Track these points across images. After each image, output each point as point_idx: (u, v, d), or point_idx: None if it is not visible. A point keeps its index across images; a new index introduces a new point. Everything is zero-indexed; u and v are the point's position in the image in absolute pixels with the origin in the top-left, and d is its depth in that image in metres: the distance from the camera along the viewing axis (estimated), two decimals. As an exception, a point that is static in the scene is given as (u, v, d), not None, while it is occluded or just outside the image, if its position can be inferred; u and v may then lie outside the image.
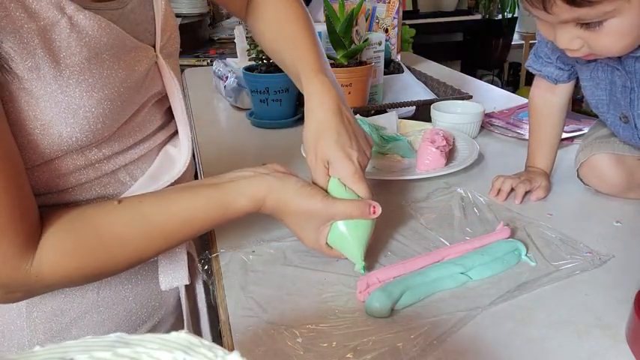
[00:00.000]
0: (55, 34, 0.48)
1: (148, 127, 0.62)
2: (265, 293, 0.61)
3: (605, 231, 0.73)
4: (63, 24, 0.48)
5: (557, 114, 0.85)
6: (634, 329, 0.51)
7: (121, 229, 0.53)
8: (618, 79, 0.71)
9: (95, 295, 0.62)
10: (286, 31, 0.73)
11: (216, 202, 0.57)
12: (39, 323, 0.59)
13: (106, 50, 0.52)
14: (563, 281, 0.62)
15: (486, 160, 0.98)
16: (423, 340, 0.53)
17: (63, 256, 0.50)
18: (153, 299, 0.67)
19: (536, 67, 0.84)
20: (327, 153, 0.63)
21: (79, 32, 0.49)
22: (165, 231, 0.55)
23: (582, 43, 0.63)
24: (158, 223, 0.55)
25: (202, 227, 0.58)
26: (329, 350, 0.52)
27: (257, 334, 0.55)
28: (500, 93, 1.50)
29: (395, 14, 1.51)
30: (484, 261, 0.64)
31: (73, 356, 0.25)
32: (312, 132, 0.65)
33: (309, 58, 0.69)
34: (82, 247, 0.52)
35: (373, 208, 0.62)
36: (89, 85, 0.51)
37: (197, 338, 0.26)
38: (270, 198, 0.59)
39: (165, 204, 0.56)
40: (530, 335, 0.54)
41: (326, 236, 0.63)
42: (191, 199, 0.57)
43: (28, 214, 0.49)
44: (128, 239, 0.54)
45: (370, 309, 0.57)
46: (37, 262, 0.49)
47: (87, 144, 0.53)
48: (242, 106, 1.32)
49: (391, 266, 0.63)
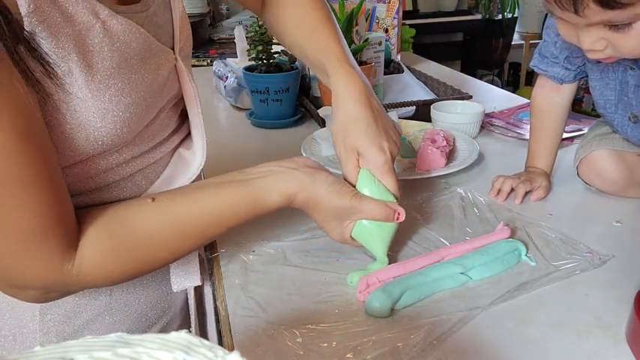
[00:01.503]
0: (89, 39, 0.48)
1: (165, 130, 0.63)
2: (265, 293, 0.61)
3: (605, 231, 0.73)
4: (97, 29, 0.48)
5: (559, 114, 0.85)
6: (634, 329, 0.51)
7: (156, 228, 0.54)
8: (631, 79, 0.71)
9: (108, 297, 0.62)
10: (307, 23, 0.72)
11: (248, 198, 0.57)
12: (52, 326, 0.59)
13: (134, 55, 0.52)
14: (563, 281, 0.62)
15: (486, 160, 0.98)
16: (423, 340, 0.53)
17: (102, 256, 0.51)
18: (162, 300, 0.68)
19: (541, 67, 0.83)
20: (358, 144, 0.63)
21: (111, 37, 0.49)
22: (199, 229, 0.56)
23: (606, 44, 0.62)
24: (191, 221, 0.55)
25: (234, 224, 0.58)
26: (329, 350, 0.52)
27: (257, 334, 0.55)
28: (500, 93, 1.50)
29: (395, 14, 1.51)
30: (484, 261, 0.64)
31: (73, 356, 0.25)
32: (341, 124, 0.65)
33: (333, 49, 0.69)
34: (119, 248, 0.52)
35: (397, 215, 0.63)
36: (118, 90, 0.51)
37: (197, 338, 0.26)
38: (302, 195, 0.59)
39: (197, 202, 0.56)
40: (530, 335, 0.54)
41: (351, 230, 0.63)
42: (223, 196, 0.57)
43: (67, 216, 0.49)
44: (163, 239, 0.54)
45: (370, 309, 0.57)
46: (78, 263, 0.49)
47: (111, 148, 0.54)
48: (242, 106, 1.32)
49: (391, 266, 0.63)
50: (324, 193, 0.60)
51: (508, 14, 3.70)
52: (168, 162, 0.64)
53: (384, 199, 0.63)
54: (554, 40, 0.80)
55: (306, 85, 1.34)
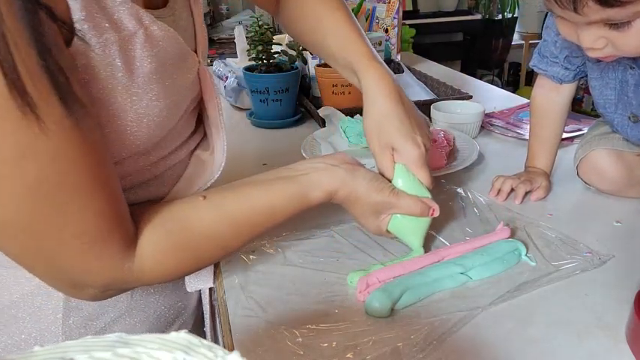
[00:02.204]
0: (131, 45, 0.48)
1: (186, 132, 0.63)
2: (265, 293, 0.61)
3: (605, 231, 0.73)
4: (140, 35, 0.49)
5: (559, 114, 0.85)
6: (634, 329, 0.51)
7: (210, 226, 0.55)
8: (631, 78, 0.71)
9: (129, 298, 0.63)
10: (329, 22, 0.72)
11: (294, 195, 0.59)
12: (74, 329, 0.60)
13: (169, 60, 0.53)
14: (563, 281, 0.62)
15: (486, 160, 0.98)
16: (423, 340, 0.53)
17: (161, 253, 0.52)
18: (179, 301, 0.69)
19: (541, 66, 0.83)
20: (392, 140, 0.65)
21: (151, 43, 0.50)
22: (250, 225, 0.57)
23: (606, 43, 0.62)
24: (244, 218, 0.56)
25: (282, 219, 0.59)
26: (329, 350, 0.52)
27: (257, 334, 0.55)
28: (500, 93, 1.50)
29: (395, 14, 1.51)
30: (484, 261, 0.64)
31: (73, 356, 0.25)
32: (375, 121, 0.66)
33: (359, 47, 0.70)
34: (176, 245, 0.53)
35: (432, 211, 0.65)
36: (154, 95, 0.51)
37: (197, 338, 0.26)
38: (343, 191, 0.61)
39: (249, 199, 0.57)
40: (530, 335, 0.54)
41: (387, 224, 0.65)
42: (273, 192, 0.58)
43: (125, 216, 0.50)
44: (217, 236, 0.55)
45: (370, 309, 0.57)
46: (139, 261, 0.50)
47: (142, 150, 0.54)
48: (242, 106, 1.32)
49: (391, 266, 0.63)
50: (364, 189, 0.61)
51: (508, 14, 3.71)
52: (187, 164, 0.65)
53: (419, 192, 0.65)
54: (554, 40, 0.80)
55: (306, 85, 1.34)
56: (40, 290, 0.59)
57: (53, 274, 0.48)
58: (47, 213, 0.43)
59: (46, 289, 0.59)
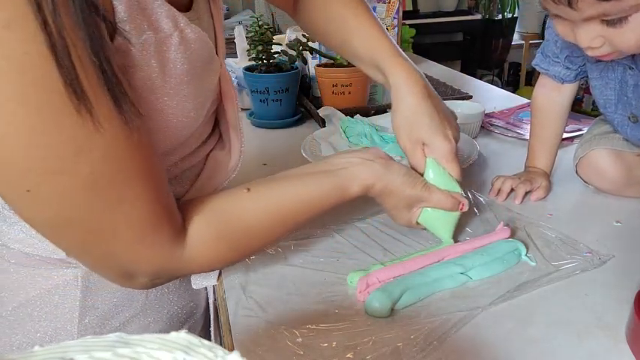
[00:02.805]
0: (166, 46, 0.49)
1: (205, 133, 0.64)
2: (265, 293, 0.61)
3: (605, 231, 0.73)
4: (175, 37, 0.49)
5: (560, 114, 0.85)
6: (634, 329, 0.51)
7: (255, 216, 0.56)
8: (631, 79, 0.70)
9: (143, 298, 0.64)
10: (352, 21, 0.73)
11: (334, 188, 0.60)
12: (89, 328, 0.60)
13: (199, 62, 0.54)
14: (563, 281, 0.62)
15: (486, 160, 0.98)
16: (423, 340, 0.53)
17: (209, 241, 0.53)
18: (191, 300, 0.70)
19: (543, 66, 0.83)
20: (423, 136, 0.67)
21: (185, 45, 0.51)
22: (293, 216, 0.58)
23: (604, 41, 0.62)
24: (286, 209, 0.58)
25: (322, 211, 0.60)
26: (329, 350, 0.52)
27: (257, 334, 0.55)
28: (500, 93, 1.50)
29: (395, 14, 1.51)
30: (484, 261, 0.64)
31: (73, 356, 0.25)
32: (405, 118, 0.67)
33: (383, 45, 0.71)
34: (224, 233, 0.54)
35: (462, 206, 0.67)
36: (184, 96, 0.52)
37: (197, 338, 0.26)
38: (379, 185, 0.62)
39: (290, 191, 0.59)
40: (530, 335, 0.54)
41: (418, 216, 0.67)
42: (313, 185, 0.60)
43: (174, 206, 0.51)
44: (262, 226, 0.57)
45: (370, 309, 0.57)
46: (188, 249, 0.51)
47: (168, 150, 0.55)
48: (242, 106, 1.32)
49: (391, 266, 0.63)
50: (398, 183, 0.63)
51: (508, 14, 3.71)
52: (204, 164, 0.65)
53: (450, 186, 0.67)
54: (555, 39, 0.79)
55: (306, 85, 1.34)
56: (57, 289, 0.59)
57: (105, 264, 0.49)
58: (101, 207, 0.44)
59: (64, 288, 0.60)
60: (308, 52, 1.27)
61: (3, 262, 0.60)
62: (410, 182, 0.64)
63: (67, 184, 0.41)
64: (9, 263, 0.59)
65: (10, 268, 0.59)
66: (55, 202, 0.42)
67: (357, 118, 1.03)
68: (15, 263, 0.59)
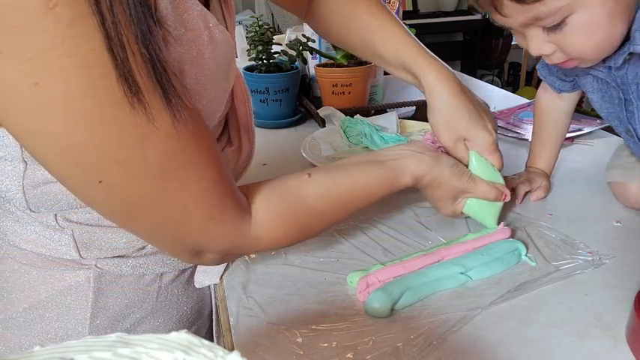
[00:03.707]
0: (195, 45, 0.49)
1: (216, 133, 0.64)
2: (265, 293, 0.61)
3: (605, 231, 0.73)
4: (205, 36, 0.50)
5: (562, 117, 0.84)
6: (634, 329, 0.51)
7: (316, 199, 0.58)
8: (614, 91, 0.68)
9: (154, 299, 0.64)
10: (373, 23, 0.73)
11: (386, 178, 0.62)
12: (101, 329, 0.60)
13: (224, 63, 0.54)
14: (563, 281, 0.62)
15: (486, 160, 0.98)
16: (423, 340, 0.53)
17: (276, 218, 0.55)
18: (199, 301, 0.70)
19: (543, 73, 0.82)
20: (465, 132, 0.69)
21: (213, 45, 0.51)
22: (349, 202, 0.60)
23: (554, 48, 0.61)
24: (344, 195, 0.60)
25: (375, 200, 0.62)
26: (329, 350, 0.52)
27: (257, 334, 0.55)
28: (500, 93, 1.50)
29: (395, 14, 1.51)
30: (484, 261, 0.64)
31: (73, 356, 0.25)
32: (443, 116, 0.69)
33: (408, 44, 0.71)
34: (287, 212, 0.56)
35: (505, 196, 0.70)
36: (209, 95, 0.53)
37: (197, 338, 0.26)
38: (429, 177, 0.65)
39: (348, 178, 0.60)
40: (530, 335, 0.54)
41: (462, 207, 0.69)
42: (368, 174, 0.62)
43: (234, 184, 0.52)
44: (321, 209, 0.58)
45: (370, 309, 0.57)
46: (254, 225, 0.53)
47: None
48: (242, 106, 1.32)
49: (391, 266, 0.63)
50: (447, 175, 0.65)
51: (508, 14, 3.69)
52: None
53: (493, 176, 0.70)
54: None
55: (306, 85, 1.34)
56: (69, 290, 0.59)
57: (177, 244, 0.51)
58: (170, 189, 0.45)
59: (76, 289, 0.60)
60: (308, 52, 1.27)
61: (14, 264, 0.60)
62: (457, 174, 0.66)
63: (135, 171, 0.43)
64: (20, 264, 0.59)
65: (21, 269, 0.59)
66: (125, 190, 0.44)
67: (357, 118, 1.03)
68: (27, 264, 0.59)
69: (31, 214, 0.56)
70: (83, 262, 0.59)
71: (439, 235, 0.73)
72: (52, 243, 0.58)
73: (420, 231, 0.74)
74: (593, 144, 1.05)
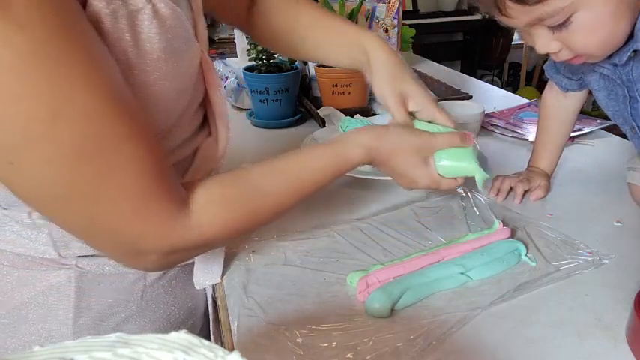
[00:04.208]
0: (138, 20, 0.48)
1: (192, 126, 0.63)
2: (265, 293, 0.61)
3: (605, 231, 0.73)
4: (147, 11, 0.49)
5: (567, 117, 0.84)
6: (634, 329, 0.51)
7: (264, 179, 0.56)
8: (619, 89, 0.69)
9: (139, 298, 0.63)
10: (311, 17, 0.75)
11: (337, 152, 0.60)
12: (84, 329, 0.60)
13: (176, 41, 0.53)
14: (563, 281, 0.62)
15: (486, 160, 0.98)
16: (423, 340, 0.53)
17: (219, 206, 0.52)
18: (189, 300, 0.69)
19: (550, 72, 0.82)
20: (406, 89, 0.69)
21: (159, 20, 0.50)
22: (300, 181, 0.58)
23: (560, 46, 0.61)
24: (293, 173, 0.58)
25: (327, 178, 0.60)
26: (329, 350, 0.52)
27: (257, 334, 0.55)
28: (500, 93, 1.50)
29: (395, 14, 1.51)
30: (484, 261, 0.64)
31: (73, 356, 0.25)
32: (387, 77, 0.69)
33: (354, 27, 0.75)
34: (233, 197, 0.53)
35: (469, 136, 0.68)
36: (161, 74, 0.51)
37: (197, 338, 0.26)
38: (383, 144, 0.62)
39: (295, 157, 0.59)
40: (530, 335, 0.54)
41: (437, 169, 0.66)
42: (315, 150, 0.61)
43: (172, 173, 0.50)
44: (269, 190, 0.56)
45: (370, 309, 0.57)
46: (195, 216, 0.50)
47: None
48: (242, 106, 1.32)
49: (391, 266, 0.63)
50: (402, 135, 0.64)
51: (508, 14, 3.69)
52: (192, 162, 0.65)
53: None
54: None
55: (306, 85, 1.34)
56: (51, 291, 0.59)
57: (113, 243, 0.48)
58: (90, 175, 0.42)
59: (57, 289, 0.59)
60: (308, 52, 1.27)
61: None
62: (412, 132, 0.65)
63: (50, 153, 0.40)
64: (2, 265, 0.59)
65: (3, 271, 0.59)
66: (37, 173, 0.41)
67: (357, 118, 1.03)
68: (8, 265, 0.59)
69: (5, 212, 0.55)
70: (63, 262, 0.58)
71: (439, 235, 0.73)
72: (31, 242, 0.57)
73: (420, 231, 0.74)
74: (594, 144, 1.05)
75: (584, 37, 0.59)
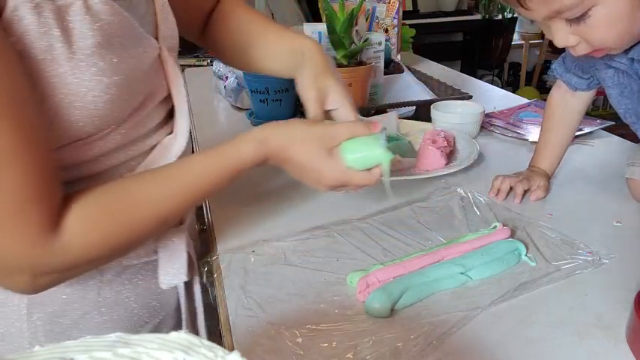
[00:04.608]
0: (69, 16, 0.48)
1: (149, 124, 0.63)
2: (265, 293, 0.61)
3: (605, 231, 0.73)
4: (78, 6, 0.49)
5: (572, 117, 0.84)
6: (634, 329, 0.51)
7: (142, 190, 0.54)
8: (635, 84, 0.69)
9: (96, 295, 0.62)
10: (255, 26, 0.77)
11: (226, 152, 0.58)
12: (39, 325, 0.59)
13: (116, 37, 0.53)
14: (563, 281, 0.62)
15: (486, 160, 0.98)
16: (423, 340, 0.53)
17: (89, 226, 0.50)
18: (153, 299, 0.67)
19: (559, 71, 0.82)
20: (328, 85, 0.69)
21: (92, 15, 0.50)
22: (185, 187, 0.56)
23: (578, 39, 0.62)
24: (176, 179, 0.56)
25: (219, 180, 0.58)
26: (329, 350, 0.52)
27: (257, 334, 0.55)
28: (500, 93, 1.50)
29: (395, 14, 1.51)
30: (484, 261, 0.64)
31: (73, 356, 0.25)
32: (314, 70, 0.70)
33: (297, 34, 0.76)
34: (106, 214, 0.51)
35: (374, 124, 0.62)
36: (99, 70, 0.51)
37: (197, 338, 0.26)
38: (275, 136, 0.59)
39: (179, 163, 0.59)
40: (530, 335, 0.54)
41: (343, 160, 0.60)
42: (202, 155, 0.59)
43: (51, 191, 0.48)
44: (149, 200, 0.54)
45: (370, 309, 0.57)
46: (64, 237, 0.48)
47: (93, 132, 0.54)
48: (242, 106, 1.32)
49: (391, 266, 0.63)
50: (299, 126, 0.61)
51: (508, 14, 3.70)
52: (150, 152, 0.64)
53: None
54: None
55: (306, 85, 1.34)
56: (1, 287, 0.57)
57: None
58: None
59: None
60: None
61: None
62: (310, 122, 0.63)
63: None
64: None
65: None
66: None
67: (357, 118, 1.02)
68: None
69: None
70: None
71: (439, 235, 0.73)
72: None
73: (420, 231, 0.74)
74: (594, 144, 1.05)
75: (602, 31, 0.60)
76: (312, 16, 2.27)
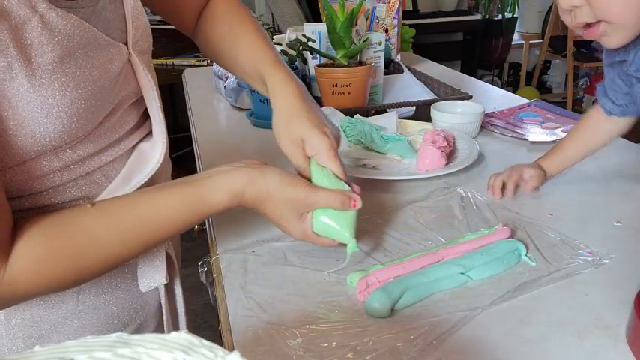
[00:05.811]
0: (26, 33, 0.48)
1: (124, 127, 0.62)
2: (265, 293, 0.61)
3: (605, 231, 0.73)
4: (34, 22, 0.48)
5: (598, 138, 0.83)
6: (634, 329, 0.51)
7: (94, 231, 0.53)
8: None
9: (75, 300, 0.61)
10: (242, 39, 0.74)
11: (192, 198, 0.57)
12: (18, 331, 0.58)
13: (79, 49, 0.52)
14: (563, 281, 0.62)
15: (486, 160, 0.98)
16: (423, 340, 0.53)
17: (37, 262, 0.49)
18: (134, 302, 0.67)
19: (599, 93, 0.81)
20: (302, 132, 0.65)
21: (50, 30, 0.49)
22: (139, 231, 0.55)
23: (582, 1, 0.61)
24: (130, 223, 0.54)
25: (178, 225, 0.57)
26: (329, 350, 0.52)
27: (257, 334, 0.55)
28: (500, 93, 1.50)
29: (395, 14, 1.51)
30: (484, 261, 0.64)
31: (73, 356, 0.25)
32: (283, 117, 0.66)
33: (266, 54, 0.72)
34: (55, 252, 0.51)
35: (354, 202, 0.63)
36: (62, 84, 0.50)
37: (197, 338, 0.26)
38: (251, 189, 0.58)
39: (138, 204, 0.55)
40: (530, 335, 0.54)
41: (311, 225, 0.63)
42: (166, 197, 0.56)
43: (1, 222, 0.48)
44: (101, 242, 0.53)
45: (370, 309, 0.57)
46: (10, 271, 0.48)
47: (61, 144, 0.53)
48: (242, 106, 1.32)
49: (391, 266, 0.63)
50: (276, 184, 0.59)
51: (508, 14, 3.71)
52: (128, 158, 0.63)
53: (336, 185, 0.64)
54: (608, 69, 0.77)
55: (306, 85, 1.34)
56: None
57: None
58: None
59: None
60: (308, 52, 1.27)
61: None
62: (289, 182, 0.60)
63: None
64: None
65: None
66: None
67: (357, 118, 1.03)
68: None
69: None
70: None
71: (439, 235, 0.73)
72: None
73: (420, 231, 0.74)
74: (593, 144, 1.05)
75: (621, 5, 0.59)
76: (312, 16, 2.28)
